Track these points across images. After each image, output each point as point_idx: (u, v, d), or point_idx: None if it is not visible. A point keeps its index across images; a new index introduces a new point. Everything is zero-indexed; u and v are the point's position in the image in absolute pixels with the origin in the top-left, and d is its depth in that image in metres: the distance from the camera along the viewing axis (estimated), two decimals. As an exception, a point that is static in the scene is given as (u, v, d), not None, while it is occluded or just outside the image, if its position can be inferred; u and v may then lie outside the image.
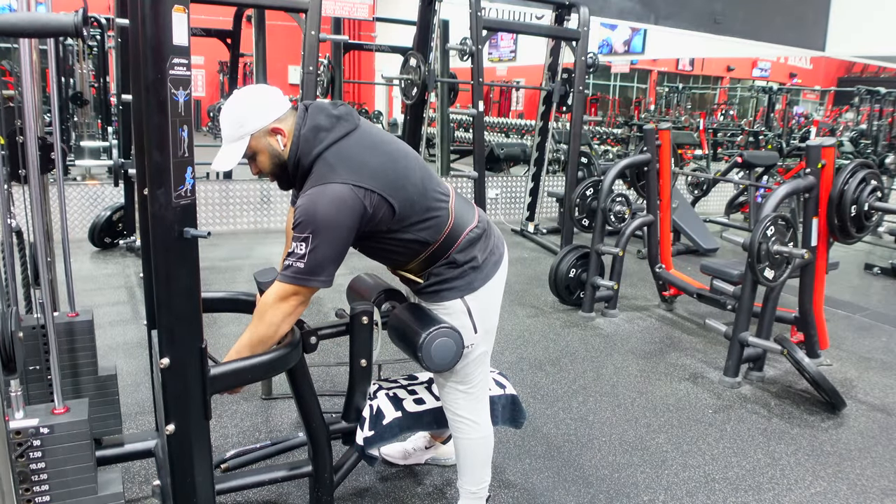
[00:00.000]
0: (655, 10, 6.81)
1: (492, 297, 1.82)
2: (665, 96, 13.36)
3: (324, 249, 1.54)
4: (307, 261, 1.53)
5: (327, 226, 1.53)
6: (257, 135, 1.61)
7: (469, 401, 1.85)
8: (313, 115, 1.64)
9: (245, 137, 1.60)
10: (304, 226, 1.53)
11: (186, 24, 1.24)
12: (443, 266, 1.74)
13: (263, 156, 1.64)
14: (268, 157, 1.64)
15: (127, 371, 2.88)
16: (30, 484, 1.47)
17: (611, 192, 4.09)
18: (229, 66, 6.80)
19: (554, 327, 3.84)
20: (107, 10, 6.50)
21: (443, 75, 6.24)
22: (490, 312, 1.83)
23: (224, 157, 1.61)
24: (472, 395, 1.85)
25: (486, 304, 1.80)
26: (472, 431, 1.87)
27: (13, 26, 1.31)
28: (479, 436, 1.89)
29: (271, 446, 2.21)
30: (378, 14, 7.45)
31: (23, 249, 2.30)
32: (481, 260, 1.77)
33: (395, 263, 1.82)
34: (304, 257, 1.53)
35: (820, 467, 2.45)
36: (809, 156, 3.12)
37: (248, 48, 6.90)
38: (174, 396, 1.39)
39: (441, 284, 1.75)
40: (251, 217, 5.94)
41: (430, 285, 1.76)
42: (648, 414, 2.81)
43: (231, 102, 1.61)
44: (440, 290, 1.75)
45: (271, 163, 1.65)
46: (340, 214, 1.55)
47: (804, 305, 3.28)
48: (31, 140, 1.69)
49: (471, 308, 1.76)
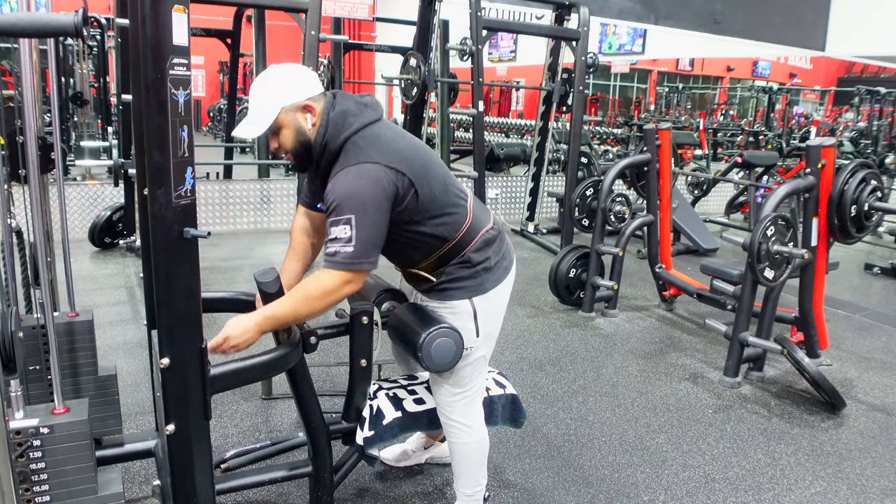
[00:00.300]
0: (655, 10, 6.80)
1: (499, 301, 1.82)
2: (665, 96, 13.36)
3: (369, 230, 1.53)
4: (356, 244, 1.51)
5: (368, 205, 1.52)
6: (288, 108, 1.60)
7: (463, 405, 1.84)
8: (341, 100, 1.65)
9: (275, 109, 1.59)
10: (344, 208, 1.51)
11: (186, 24, 1.24)
12: (456, 265, 1.73)
13: (288, 131, 1.62)
14: (293, 133, 1.63)
15: (127, 371, 2.88)
16: (30, 484, 1.47)
17: (611, 192, 4.09)
18: (229, 66, 6.79)
19: (554, 327, 3.84)
20: (107, 10, 6.50)
21: (443, 75, 6.24)
22: (495, 316, 1.83)
23: (250, 126, 1.60)
24: (466, 398, 1.83)
25: (493, 307, 1.80)
26: (464, 435, 1.86)
27: (13, 26, 1.32)
28: (472, 440, 1.87)
29: (271, 446, 2.21)
30: (378, 14, 7.44)
31: (23, 249, 2.30)
32: (494, 262, 1.77)
33: (408, 260, 1.79)
34: (350, 241, 1.51)
35: (820, 467, 2.45)
36: (809, 156, 3.12)
37: (248, 48, 6.91)
38: (174, 396, 1.39)
39: (452, 283, 1.74)
40: (251, 217, 5.94)
41: (441, 283, 1.75)
42: (648, 414, 2.81)
43: (267, 74, 1.62)
44: (450, 289, 1.75)
45: (295, 140, 1.63)
46: (378, 193, 1.54)
47: (804, 305, 3.28)
48: (31, 140, 1.69)
49: (477, 310, 1.76)
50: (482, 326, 1.77)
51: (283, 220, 6.00)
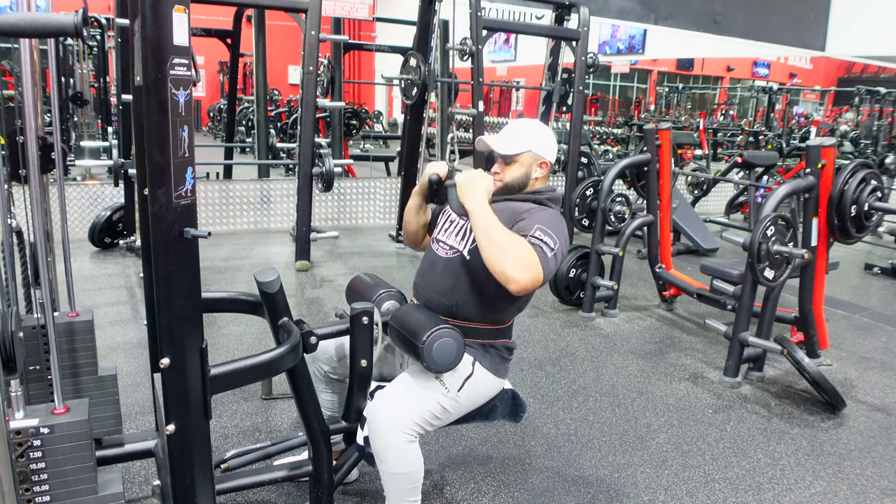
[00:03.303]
0: (655, 10, 6.80)
1: (488, 391, 1.87)
2: (665, 96, 13.36)
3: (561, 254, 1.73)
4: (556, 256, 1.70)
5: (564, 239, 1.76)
6: (533, 154, 1.86)
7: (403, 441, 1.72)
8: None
9: (526, 148, 1.85)
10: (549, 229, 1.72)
11: (187, 24, 1.24)
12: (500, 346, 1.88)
13: (520, 169, 1.87)
14: (522, 173, 1.87)
15: (127, 371, 2.88)
16: (30, 484, 1.47)
17: (611, 192, 4.09)
18: (229, 66, 6.79)
19: (554, 327, 3.84)
20: (107, 10, 6.49)
21: (443, 75, 6.24)
22: (477, 398, 1.85)
23: (498, 141, 1.88)
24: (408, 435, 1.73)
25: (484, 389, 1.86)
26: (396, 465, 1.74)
27: (13, 26, 1.31)
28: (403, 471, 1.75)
29: (271, 446, 2.21)
30: (378, 14, 7.45)
31: (23, 249, 2.30)
32: (508, 360, 1.92)
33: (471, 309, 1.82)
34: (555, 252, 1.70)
35: (820, 467, 2.45)
36: (809, 156, 3.12)
37: (248, 48, 6.91)
38: (174, 396, 1.39)
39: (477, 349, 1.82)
40: (251, 217, 5.94)
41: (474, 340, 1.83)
42: (648, 414, 2.81)
43: (538, 124, 1.96)
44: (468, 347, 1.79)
45: (520, 179, 1.87)
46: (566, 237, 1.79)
47: (804, 305, 3.28)
48: (31, 140, 1.69)
49: (474, 374, 1.80)
50: (465, 390, 1.79)
51: (283, 220, 6.00)
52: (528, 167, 1.86)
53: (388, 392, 1.77)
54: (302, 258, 4.74)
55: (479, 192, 1.72)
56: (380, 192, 6.45)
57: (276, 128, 8.91)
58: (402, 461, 1.71)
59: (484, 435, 2.51)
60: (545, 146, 1.88)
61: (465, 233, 1.85)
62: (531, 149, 1.86)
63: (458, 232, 1.87)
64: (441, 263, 1.86)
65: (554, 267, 1.69)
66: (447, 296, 1.83)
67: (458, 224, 1.89)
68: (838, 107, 13.36)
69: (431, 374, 1.74)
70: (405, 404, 1.73)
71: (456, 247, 1.85)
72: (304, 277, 4.60)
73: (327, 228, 5.70)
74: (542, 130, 1.91)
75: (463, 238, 1.85)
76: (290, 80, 13.34)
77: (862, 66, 13.95)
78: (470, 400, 1.83)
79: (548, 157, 1.88)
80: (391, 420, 1.69)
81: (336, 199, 6.27)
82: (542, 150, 1.87)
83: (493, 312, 1.84)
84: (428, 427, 1.77)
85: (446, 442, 2.46)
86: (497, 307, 1.83)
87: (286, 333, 1.69)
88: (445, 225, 1.93)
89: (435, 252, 1.90)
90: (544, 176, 1.90)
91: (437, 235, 1.94)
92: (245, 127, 9.46)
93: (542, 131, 1.90)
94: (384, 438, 1.69)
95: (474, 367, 1.81)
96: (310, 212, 4.80)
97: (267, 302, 1.71)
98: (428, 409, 1.75)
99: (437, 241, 1.92)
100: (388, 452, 1.70)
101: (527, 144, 1.85)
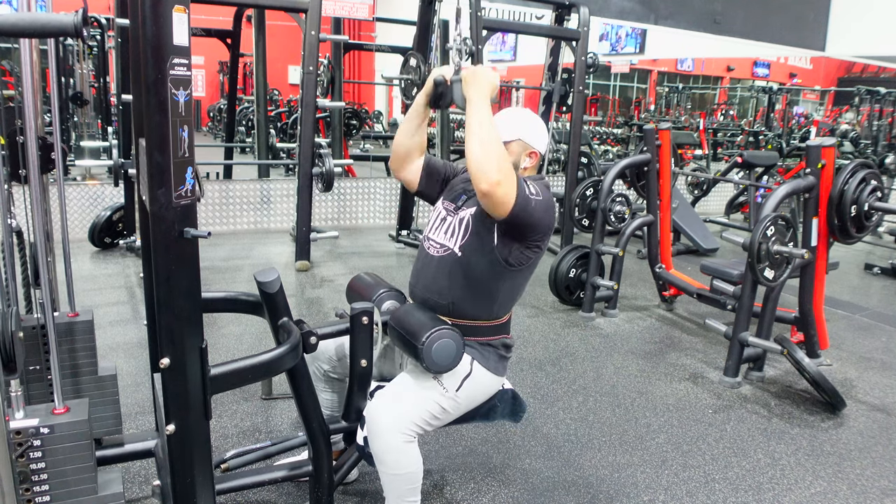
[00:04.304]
0: (655, 10, 6.80)
1: (487, 389, 1.88)
2: (665, 96, 13.37)
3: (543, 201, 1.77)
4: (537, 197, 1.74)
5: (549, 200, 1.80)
6: (523, 143, 1.85)
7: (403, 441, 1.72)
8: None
9: (516, 136, 1.85)
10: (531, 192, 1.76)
11: (187, 24, 1.24)
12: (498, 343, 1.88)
13: (511, 157, 1.81)
14: (511, 161, 1.81)
15: (127, 371, 2.88)
16: (30, 484, 1.47)
17: (611, 192, 4.09)
18: (229, 66, 6.79)
19: (554, 327, 3.84)
20: (107, 10, 6.50)
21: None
22: (476, 397, 1.86)
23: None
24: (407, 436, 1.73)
25: (483, 388, 1.86)
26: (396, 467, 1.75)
27: (13, 26, 1.31)
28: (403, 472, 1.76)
29: (271, 446, 2.21)
30: (378, 14, 7.45)
31: (23, 249, 2.30)
32: (507, 357, 1.92)
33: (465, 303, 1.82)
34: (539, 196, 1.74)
35: (820, 467, 2.45)
36: (809, 156, 3.12)
37: (248, 48, 6.91)
38: (174, 396, 1.39)
39: (475, 349, 1.82)
40: (251, 217, 5.94)
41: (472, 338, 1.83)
42: (648, 414, 2.81)
43: (530, 113, 1.94)
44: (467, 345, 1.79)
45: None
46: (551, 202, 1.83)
47: (804, 305, 3.28)
48: (31, 140, 1.69)
49: (473, 373, 1.80)
50: (463, 389, 1.79)
51: (283, 220, 6.00)
52: (518, 156, 1.85)
53: (387, 393, 1.77)
54: (302, 258, 4.75)
55: (482, 84, 1.72)
56: (380, 192, 6.45)
57: (276, 128, 8.92)
58: (402, 462, 1.71)
59: (484, 435, 2.51)
60: (536, 136, 1.87)
61: (454, 229, 1.84)
62: (521, 137, 1.85)
63: (447, 229, 1.86)
64: (434, 262, 1.86)
65: (526, 206, 1.69)
66: (443, 294, 1.83)
67: (447, 221, 1.88)
68: (838, 107, 13.36)
69: (430, 374, 1.74)
70: (404, 405, 1.73)
71: (447, 244, 1.84)
72: (304, 277, 4.60)
73: (327, 228, 5.70)
74: (534, 120, 1.90)
75: (453, 235, 1.84)
76: (290, 80, 13.35)
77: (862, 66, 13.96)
78: (469, 399, 1.83)
79: (538, 148, 1.88)
80: (390, 421, 1.69)
81: (336, 199, 6.27)
82: (532, 140, 1.86)
83: (491, 306, 1.83)
84: (427, 427, 1.77)
85: (446, 442, 2.46)
86: (494, 300, 1.83)
87: (286, 333, 1.69)
88: (436, 223, 1.92)
89: (427, 251, 1.90)
90: (533, 166, 1.89)
91: (427, 234, 1.94)
92: (245, 127, 9.46)
93: (533, 121, 1.90)
94: (383, 439, 1.69)
95: (472, 367, 1.81)
96: (310, 212, 4.80)
97: (267, 302, 1.71)
98: (427, 409, 1.74)
99: (428, 239, 1.92)
100: (387, 453, 1.70)
101: (517, 132, 1.84)
